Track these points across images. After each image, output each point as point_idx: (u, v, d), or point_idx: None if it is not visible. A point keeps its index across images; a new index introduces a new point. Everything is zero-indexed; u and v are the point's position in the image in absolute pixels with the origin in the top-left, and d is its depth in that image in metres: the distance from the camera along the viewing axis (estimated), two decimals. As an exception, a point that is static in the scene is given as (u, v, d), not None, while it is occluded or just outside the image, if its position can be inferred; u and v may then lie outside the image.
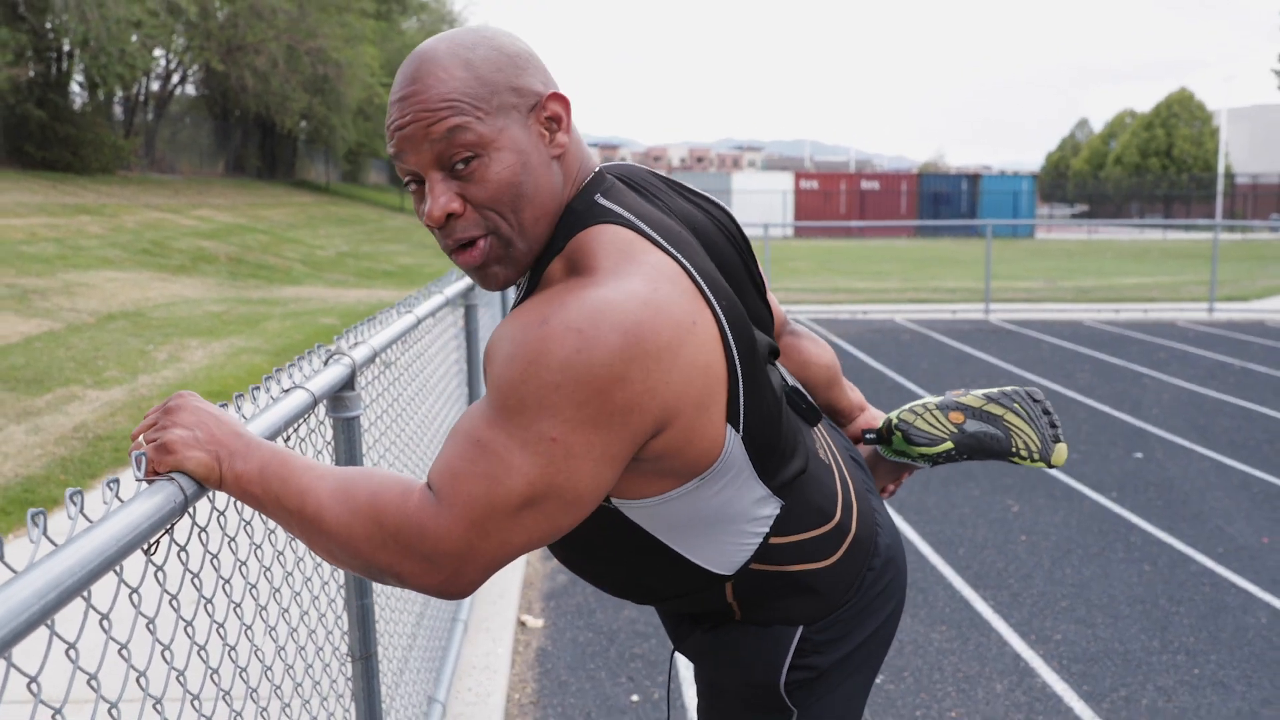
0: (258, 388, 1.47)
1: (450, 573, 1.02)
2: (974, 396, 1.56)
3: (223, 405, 1.17)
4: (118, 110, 26.35)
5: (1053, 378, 8.58)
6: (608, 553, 1.22)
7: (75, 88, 24.64)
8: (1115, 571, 4.17)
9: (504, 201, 1.07)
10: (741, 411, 1.10)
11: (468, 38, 1.10)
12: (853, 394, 1.62)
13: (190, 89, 31.63)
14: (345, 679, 2.07)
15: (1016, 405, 1.55)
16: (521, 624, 3.68)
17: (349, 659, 2.04)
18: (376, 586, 2.29)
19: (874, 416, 1.62)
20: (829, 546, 1.25)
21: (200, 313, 11.06)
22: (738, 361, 1.09)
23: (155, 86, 28.57)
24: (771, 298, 1.39)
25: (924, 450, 1.52)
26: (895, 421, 1.54)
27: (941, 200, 40.19)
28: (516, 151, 1.07)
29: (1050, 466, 1.53)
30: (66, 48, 22.45)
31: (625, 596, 1.31)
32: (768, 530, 1.19)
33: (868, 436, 1.58)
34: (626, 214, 1.11)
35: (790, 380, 1.31)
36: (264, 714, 1.48)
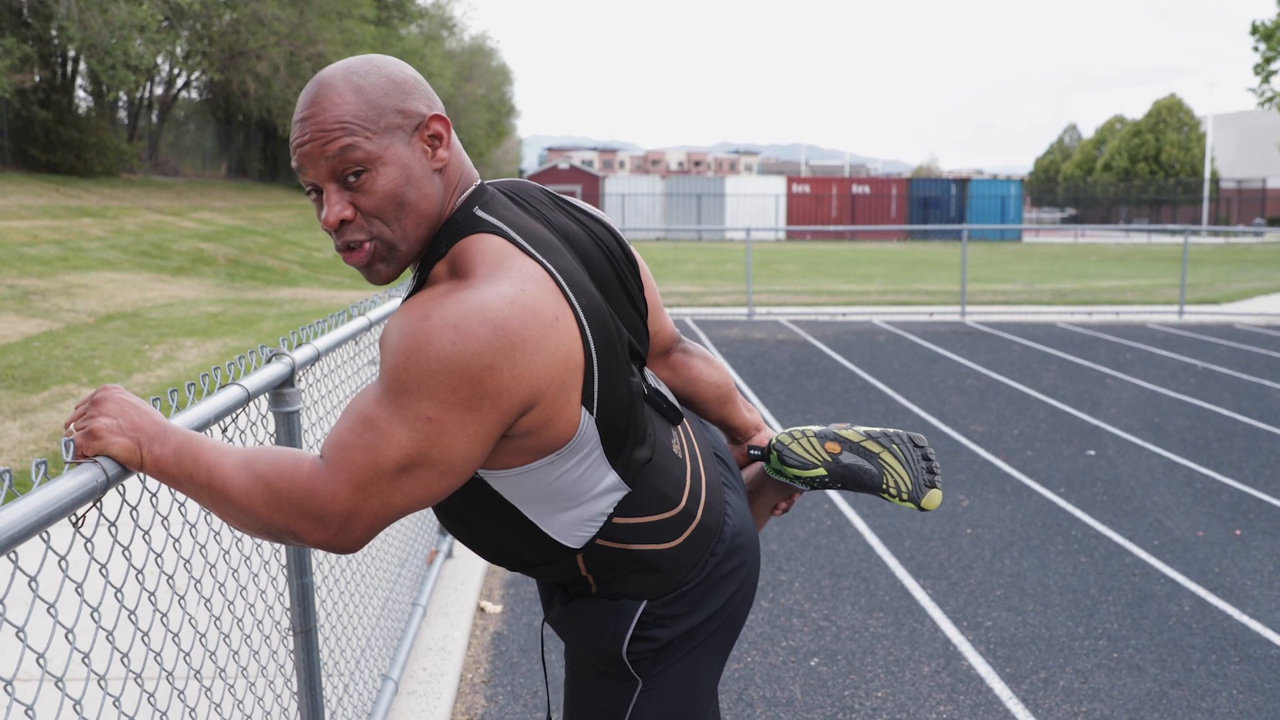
0: (192, 385, 1.66)
1: (337, 529, 1.19)
2: (855, 432, 1.69)
3: (154, 400, 1.37)
4: (122, 114, 26.61)
5: (1019, 378, 8.76)
6: (477, 519, 1.38)
7: (80, 92, 24.92)
8: (1052, 563, 4.35)
9: (388, 210, 1.24)
10: (596, 396, 1.26)
11: (361, 66, 1.26)
12: (749, 414, 1.75)
13: (194, 93, 31.90)
14: (287, 651, 2.27)
15: (895, 446, 1.68)
16: (481, 610, 3.87)
17: (290, 633, 2.24)
18: (314, 564, 2.49)
19: (767, 436, 1.75)
20: (673, 530, 1.39)
21: (196, 313, 11.28)
22: (594, 353, 1.25)
23: (159, 91, 28.85)
24: (665, 317, 1.58)
25: (796, 472, 1.66)
26: (774, 442, 1.68)
27: (930, 204, 40.39)
28: (400, 166, 1.23)
29: (921, 509, 1.66)
30: (72, 53, 22.71)
31: (497, 562, 1.46)
32: (612, 511, 1.34)
33: (752, 453, 1.73)
34: (501, 224, 1.27)
35: (653, 383, 1.45)
36: (198, 676, 1.67)
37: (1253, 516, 4.98)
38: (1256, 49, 35.52)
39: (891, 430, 1.70)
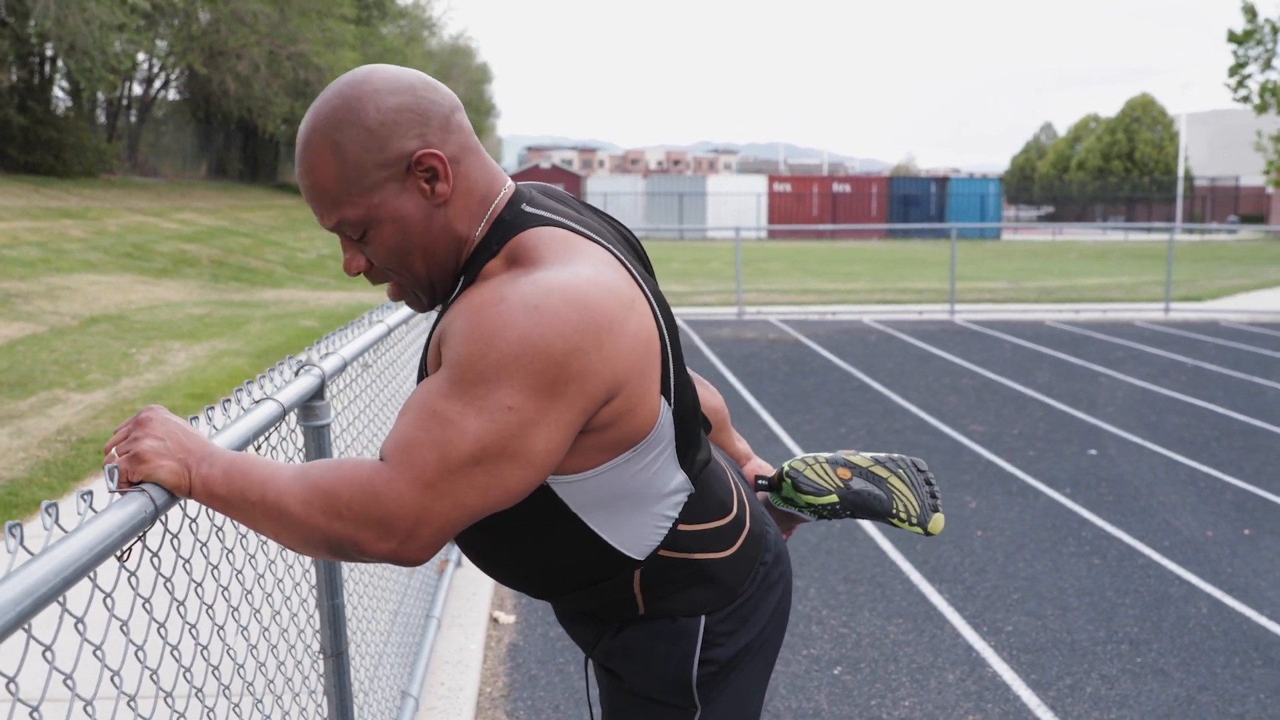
0: (228, 400, 1.59)
1: (404, 536, 1.09)
2: (863, 457, 1.66)
3: (193, 419, 1.30)
4: (101, 114, 26.28)
5: (1013, 376, 8.77)
6: (526, 533, 1.28)
7: (58, 92, 24.57)
8: (1066, 565, 4.33)
9: (393, 261, 1.23)
10: (673, 386, 1.22)
11: (338, 114, 1.18)
12: (740, 443, 1.71)
13: (173, 93, 31.56)
14: (318, 675, 2.20)
15: (901, 471, 1.65)
16: (494, 620, 3.80)
17: (321, 656, 2.16)
18: (347, 585, 2.42)
19: (760, 465, 1.71)
20: (728, 538, 1.35)
21: (182, 315, 11.12)
22: (667, 339, 1.22)
23: (138, 90, 28.51)
24: None
25: (810, 499, 1.62)
26: (787, 469, 1.64)
27: (911, 202, 40.63)
28: (395, 219, 1.20)
29: (927, 533, 1.64)
30: (50, 52, 22.39)
31: (528, 585, 1.36)
32: (678, 515, 1.28)
33: (760, 482, 1.68)
34: (556, 217, 1.23)
35: None
36: (236, 710, 1.60)
37: (1259, 516, 4.99)
38: (1235, 54, 36.08)
39: (897, 456, 1.68)
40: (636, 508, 1.26)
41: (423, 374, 1.29)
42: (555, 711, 3.15)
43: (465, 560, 4.23)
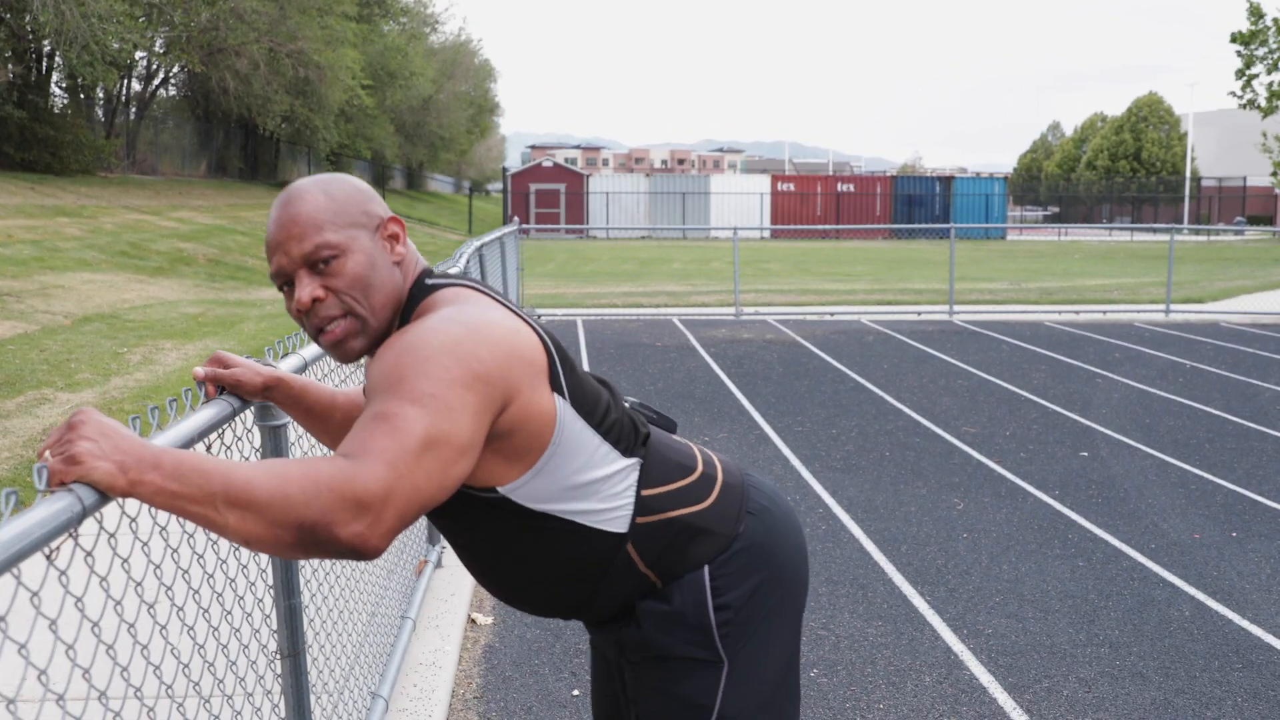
0: (173, 400, 1.57)
1: (374, 516, 1.19)
2: None
3: (133, 419, 1.29)
4: (99, 111, 26.27)
5: (1009, 378, 8.74)
6: (530, 548, 1.47)
7: (55, 89, 24.57)
8: (1050, 567, 4.31)
9: (357, 288, 1.41)
10: (564, 384, 1.43)
11: (327, 178, 1.48)
12: (325, 395, 1.85)
13: (172, 90, 31.56)
14: (275, 676, 2.18)
15: None
16: (472, 622, 3.79)
17: (277, 656, 2.14)
18: (311, 585, 2.40)
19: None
20: (701, 491, 1.53)
21: (176, 315, 11.12)
22: (554, 351, 1.43)
23: (137, 87, 28.51)
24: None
25: None
26: None
27: (915, 202, 40.58)
28: (366, 254, 1.42)
29: None
30: (47, 48, 22.39)
31: (557, 604, 1.53)
32: (635, 483, 1.48)
33: None
34: (453, 280, 1.48)
35: (635, 400, 1.64)
36: (181, 709, 1.58)
37: (1248, 518, 4.96)
38: (1240, 54, 35.95)
39: None
40: (591, 489, 1.45)
41: None
42: (528, 713, 3.13)
43: (445, 561, 4.21)
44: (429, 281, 1.48)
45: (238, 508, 1.16)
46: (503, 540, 1.47)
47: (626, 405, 1.55)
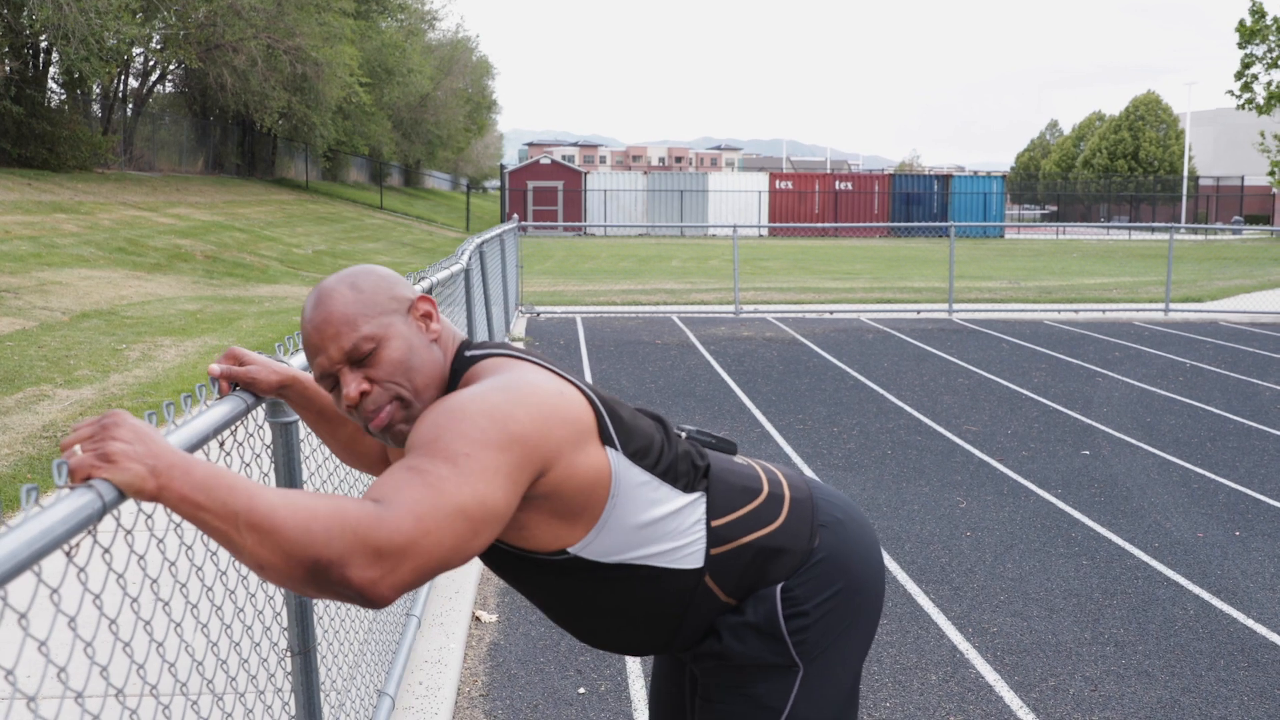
0: (188, 395, 1.56)
1: (390, 567, 1.18)
2: None
3: (149, 414, 1.29)
4: (96, 108, 26.19)
5: (1009, 376, 8.75)
6: (610, 600, 1.49)
7: (53, 85, 24.49)
8: (1054, 566, 4.31)
9: (400, 373, 1.43)
10: (614, 435, 1.43)
11: (350, 272, 1.49)
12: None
13: (169, 86, 31.48)
14: (285, 673, 2.17)
15: None
16: (476, 619, 3.78)
17: (288, 654, 2.14)
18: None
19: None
20: (771, 512, 1.54)
21: (174, 311, 11.09)
22: (602, 410, 1.43)
23: (134, 83, 28.43)
24: None
25: None
26: None
27: (913, 201, 40.60)
28: (402, 338, 1.44)
29: None
30: (44, 43, 22.32)
31: (655, 644, 1.55)
32: (704, 516, 1.48)
33: None
34: (492, 349, 1.49)
35: (692, 429, 1.65)
36: (195, 707, 1.58)
37: (1251, 517, 4.96)
38: (1239, 45, 35.95)
39: None
40: (660, 530, 1.46)
41: None
42: (534, 711, 3.12)
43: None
44: (469, 354, 1.49)
45: (257, 531, 1.15)
46: (584, 596, 1.49)
47: (683, 435, 1.57)
